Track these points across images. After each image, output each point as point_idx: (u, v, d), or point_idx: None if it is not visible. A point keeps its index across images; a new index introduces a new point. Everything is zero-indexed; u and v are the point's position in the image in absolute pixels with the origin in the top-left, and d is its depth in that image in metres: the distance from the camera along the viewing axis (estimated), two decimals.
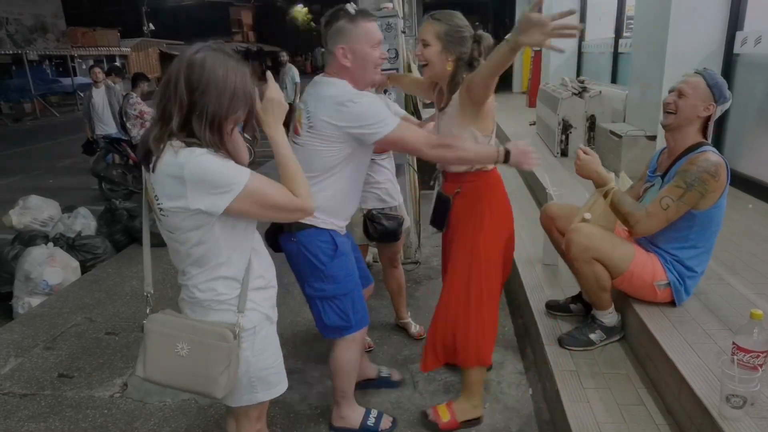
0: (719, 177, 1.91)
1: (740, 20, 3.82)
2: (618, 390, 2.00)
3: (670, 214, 1.95)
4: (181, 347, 1.31)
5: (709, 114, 1.98)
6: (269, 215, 1.33)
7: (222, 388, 1.31)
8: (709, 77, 1.97)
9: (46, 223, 4.59)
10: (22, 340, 3.01)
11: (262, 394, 1.45)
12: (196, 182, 1.19)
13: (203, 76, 1.19)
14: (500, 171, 2.01)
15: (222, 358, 1.29)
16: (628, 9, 6.26)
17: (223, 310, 1.33)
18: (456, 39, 1.81)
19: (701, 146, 1.99)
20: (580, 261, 2.09)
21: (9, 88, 18.60)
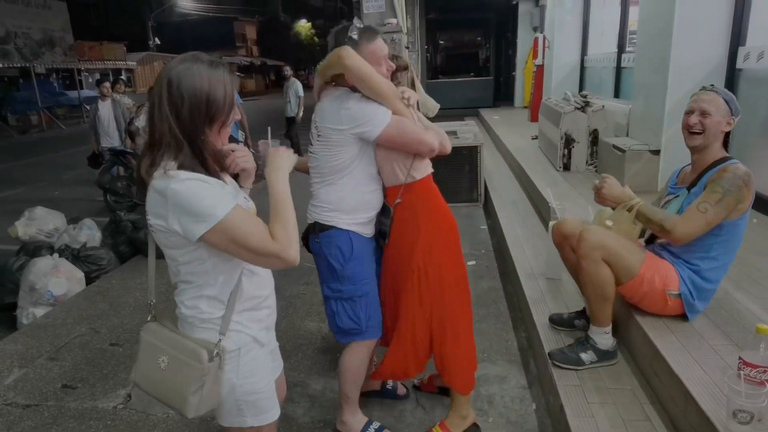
0: (750, 185, 1.95)
1: (743, 35, 3.85)
2: (623, 405, 1.98)
3: (709, 218, 1.94)
4: (162, 360, 1.31)
5: (729, 129, 2.04)
6: (243, 256, 1.25)
7: (193, 408, 1.28)
8: (723, 93, 2.02)
9: (52, 234, 4.61)
10: (26, 350, 3.01)
11: (251, 419, 1.41)
12: (175, 205, 1.19)
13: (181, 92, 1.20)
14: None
15: (194, 378, 1.26)
16: (631, 24, 6.32)
17: (207, 328, 1.32)
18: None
19: (727, 160, 2.03)
20: (589, 260, 2.07)
21: (16, 101, 18.81)
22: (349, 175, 1.88)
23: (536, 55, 10.06)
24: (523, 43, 12.43)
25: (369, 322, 1.96)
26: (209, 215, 1.17)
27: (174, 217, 1.19)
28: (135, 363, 1.38)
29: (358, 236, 1.93)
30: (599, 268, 2.07)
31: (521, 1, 12.32)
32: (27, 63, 18.31)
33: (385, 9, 3.44)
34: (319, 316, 3.22)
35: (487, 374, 2.51)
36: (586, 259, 2.09)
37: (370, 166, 1.91)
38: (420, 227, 1.92)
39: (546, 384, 2.31)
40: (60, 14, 20.04)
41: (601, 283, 2.09)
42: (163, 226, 1.22)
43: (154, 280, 1.46)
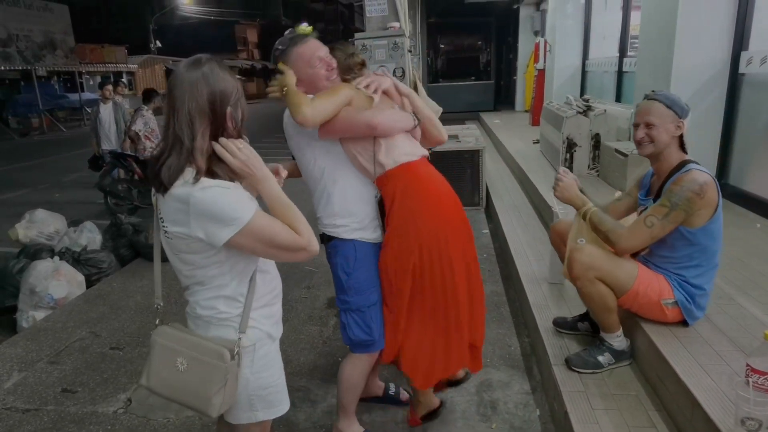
0: (705, 195, 1.92)
1: (745, 40, 3.85)
2: (628, 412, 1.97)
3: (655, 232, 1.97)
4: (181, 362, 1.31)
5: (681, 132, 2.01)
6: (271, 254, 1.31)
7: (216, 408, 1.29)
8: (665, 98, 2.00)
9: (52, 236, 4.60)
10: (25, 354, 2.99)
11: (262, 413, 1.43)
12: (199, 213, 1.21)
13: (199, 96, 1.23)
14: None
15: (218, 378, 1.28)
16: (632, 28, 6.32)
17: (224, 326, 1.34)
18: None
19: (686, 165, 2.02)
20: (583, 280, 2.09)
21: (17, 103, 18.85)
22: (330, 180, 1.86)
23: (537, 59, 10.07)
24: (524, 47, 12.45)
25: (380, 330, 1.93)
26: (236, 219, 1.20)
27: (197, 224, 1.22)
28: (147, 367, 1.37)
29: (362, 243, 1.89)
30: (595, 287, 2.08)
31: (522, 6, 12.35)
32: (28, 66, 18.35)
33: (387, 13, 3.43)
34: (320, 320, 3.21)
35: (490, 379, 2.49)
36: (580, 280, 2.10)
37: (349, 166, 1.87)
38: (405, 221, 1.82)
39: (550, 390, 2.29)
40: (62, 17, 20.09)
41: (600, 298, 2.10)
42: (183, 233, 1.24)
43: (160, 284, 1.47)
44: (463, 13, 14.54)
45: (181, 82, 1.23)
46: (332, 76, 1.83)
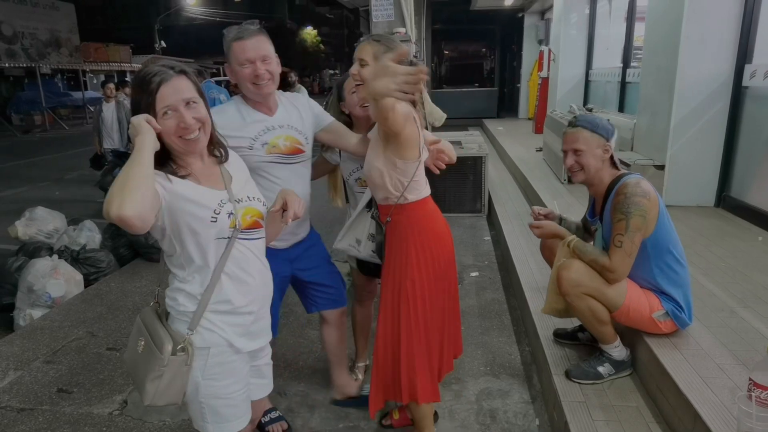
0: (649, 195, 1.94)
1: (749, 53, 3.85)
2: (629, 424, 1.95)
3: (627, 249, 1.97)
4: (140, 344, 1.37)
5: (610, 153, 2.04)
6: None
7: (149, 396, 1.32)
8: (588, 123, 2.03)
9: (52, 234, 4.59)
10: (22, 353, 2.97)
11: (212, 426, 1.41)
12: None
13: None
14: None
15: (153, 367, 1.30)
16: (636, 39, 6.34)
17: (181, 320, 1.37)
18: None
19: (620, 178, 2.03)
20: (572, 296, 2.08)
21: (21, 100, 18.89)
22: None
23: (541, 68, 10.10)
24: (528, 55, 12.48)
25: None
26: None
27: None
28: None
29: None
30: (584, 302, 2.07)
31: (527, 15, 12.40)
32: (33, 63, 18.40)
33: (394, 18, 3.43)
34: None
35: (490, 388, 2.47)
36: (569, 296, 2.09)
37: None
38: (407, 251, 1.85)
39: (550, 400, 2.27)
40: (67, 16, 20.16)
41: (591, 313, 2.09)
42: None
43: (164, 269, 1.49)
44: (468, 21, 14.62)
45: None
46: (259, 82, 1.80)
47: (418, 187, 1.83)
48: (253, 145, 1.87)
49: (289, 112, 1.99)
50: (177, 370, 1.31)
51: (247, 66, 1.79)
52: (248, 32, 1.80)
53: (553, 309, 2.25)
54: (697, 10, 3.90)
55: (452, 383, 2.50)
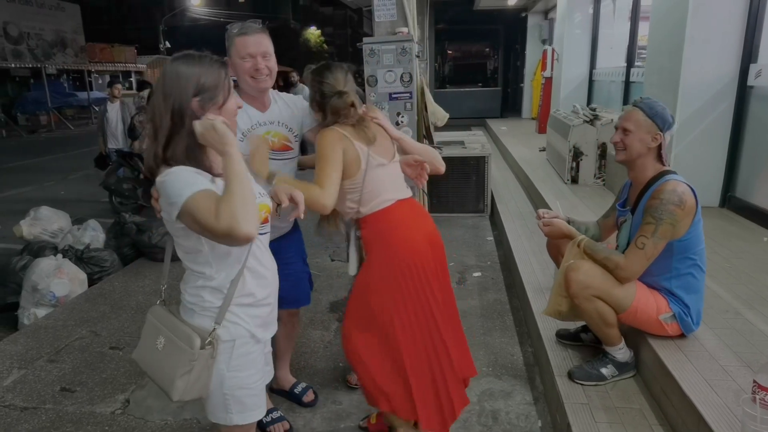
0: (685, 205, 1.91)
1: (754, 52, 3.82)
2: (632, 426, 1.94)
3: (648, 252, 1.95)
4: (160, 341, 1.37)
5: (659, 143, 2.00)
6: (207, 236, 1.28)
7: (178, 392, 1.32)
8: (648, 108, 1.99)
9: (56, 234, 4.61)
10: (25, 351, 2.99)
11: (236, 416, 1.43)
12: (162, 193, 1.29)
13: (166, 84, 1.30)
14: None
15: (184, 362, 1.31)
16: (640, 39, 6.31)
17: (206, 316, 1.37)
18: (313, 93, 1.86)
19: (663, 176, 2.01)
20: (580, 298, 2.06)
21: (26, 101, 18.99)
22: None
23: (545, 68, 10.07)
24: (531, 55, 12.45)
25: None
26: (179, 196, 1.24)
27: (163, 204, 1.30)
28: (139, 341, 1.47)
29: None
30: (593, 304, 2.06)
31: (530, 14, 12.37)
32: (38, 64, 18.50)
33: (396, 18, 3.42)
34: (322, 324, 3.19)
35: (492, 389, 2.47)
36: (578, 298, 2.08)
37: None
38: (370, 263, 1.90)
39: (552, 401, 2.26)
40: (73, 16, 20.27)
41: (599, 315, 2.07)
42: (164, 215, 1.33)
43: (168, 267, 1.53)
44: (472, 21, 14.59)
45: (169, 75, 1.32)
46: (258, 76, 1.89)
47: (371, 198, 1.86)
48: (243, 139, 1.91)
49: (281, 110, 2.06)
50: (204, 364, 1.33)
51: (248, 60, 1.87)
52: (252, 29, 1.89)
53: (555, 311, 2.24)
54: (702, 9, 3.87)
55: None
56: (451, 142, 5.89)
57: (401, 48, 3.31)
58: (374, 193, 1.86)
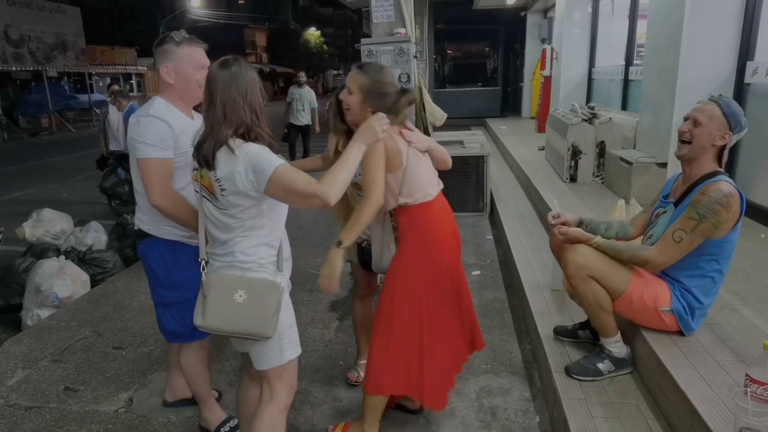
0: (731, 208, 1.89)
1: (751, 50, 3.85)
2: (628, 420, 1.96)
3: (683, 247, 1.94)
4: (240, 295, 1.57)
5: (724, 143, 1.97)
6: (290, 199, 1.55)
7: (272, 329, 1.57)
8: (725, 105, 1.96)
9: (58, 236, 4.64)
10: (29, 352, 3.02)
11: (289, 352, 1.68)
12: (246, 167, 1.50)
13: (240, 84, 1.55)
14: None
15: (273, 303, 1.57)
16: (639, 37, 6.33)
17: (264, 270, 1.61)
18: (375, 94, 1.87)
19: (716, 175, 1.98)
20: (576, 279, 2.10)
21: (27, 103, 19.04)
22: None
23: (544, 67, 10.09)
24: (530, 54, 12.47)
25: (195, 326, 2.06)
26: (267, 166, 1.49)
27: (246, 175, 1.50)
28: (199, 310, 1.62)
29: (180, 244, 2.02)
30: (589, 285, 2.09)
31: (529, 13, 12.39)
32: (39, 66, 18.56)
33: (394, 19, 3.45)
34: (322, 323, 3.22)
35: (490, 386, 2.49)
36: (574, 279, 2.11)
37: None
38: (402, 252, 2.01)
39: (550, 397, 2.29)
40: (73, 19, 20.33)
41: (594, 298, 2.10)
42: (237, 187, 1.51)
43: (204, 243, 1.72)
44: (471, 20, 14.61)
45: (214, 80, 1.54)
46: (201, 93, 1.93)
47: (415, 191, 1.95)
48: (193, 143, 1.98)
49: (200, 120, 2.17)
50: (283, 303, 1.62)
51: (201, 71, 1.94)
52: (197, 41, 1.99)
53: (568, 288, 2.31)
54: (699, 7, 3.90)
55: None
56: (451, 141, 5.92)
57: (399, 49, 3.34)
58: (417, 186, 1.95)
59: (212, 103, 1.54)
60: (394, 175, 1.90)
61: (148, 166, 1.88)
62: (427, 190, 1.99)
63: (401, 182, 1.91)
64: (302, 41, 46.50)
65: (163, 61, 1.92)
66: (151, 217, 2.00)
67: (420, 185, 1.96)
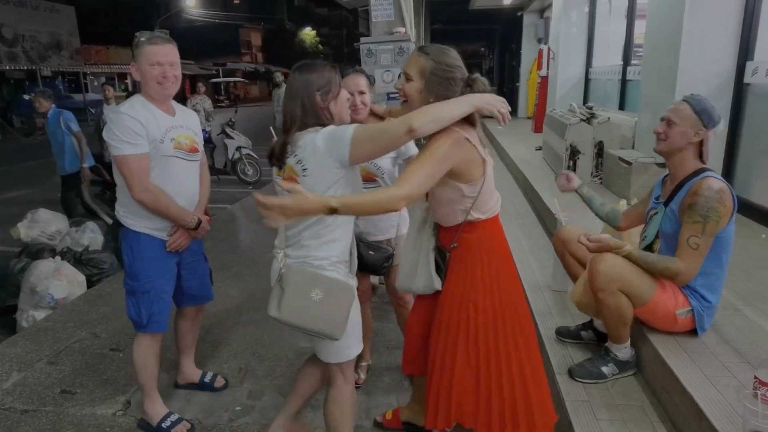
0: (725, 202, 1.92)
1: (750, 50, 3.84)
2: (633, 423, 1.94)
3: (702, 251, 1.94)
4: (316, 294, 1.62)
5: (700, 139, 2.02)
6: (383, 143, 1.53)
7: (342, 331, 1.64)
8: (696, 103, 2.01)
9: (54, 236, 4.59)
10: (25, 354, 2.98)
11: (353, 349, 1.77)
12: (326, 142, 1.57)
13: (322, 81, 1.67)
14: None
15: (346, 306, 1.64)
16: (637, 37, 6.33)
17: (338, 269, 1.67)
18: (441, 79, 1.61)
19: (701, 172, 2.02)
20: (606, 292, 2.02)
21: (22, 103, 18.91)
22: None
23: (541, 66, 10.09)
24: (527, 54, 12.49)
25: (151, 318, 2.18)
26: (346, 130, 1.57)
27: (328, 149, 1.57)
28: (273, 302, 1.66)
29: (151, 238, 2.15)
30: (617, 299, 2.02)
31: (526, 13, 12.40)
32: (33, 66, 18.45)
33: (393, 18, 3.43)
34: None
35: None
36: (603, 292, 2.02)
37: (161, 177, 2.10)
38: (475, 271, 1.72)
39: (553, 399, 2.26)
40: (68, 18, 20.24)
41: (619, 312, 2.05)
42: (321, 162, 1.58)
43: (283, 231, 1.73)
44: (467, 20, 14.62)
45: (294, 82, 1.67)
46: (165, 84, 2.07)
47: (486, 201, 1.71)
48: (163, 139, 2.09)
49: (185, 117, 2.26)
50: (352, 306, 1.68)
51: (156, 67, 2.04)
52: (162, 39, 2.08)
53: (579, 301, 2.25)
54: (698, 7, 3.89)
55: None
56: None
57: (399, 48, 3.32)
58: (488, 195, 1.71)
59: (291, 99, 1.65)
60: (471, 186, 1.64)
61: (124, 163, 2.01)
62: (496, 202, 1.76)
63: (477, 195, 1.65)
64: (298, 41, 46.44)
65: (133, 60, 2.09)
66: (124, 209, 2.15)
67: (492, 197, 1.73)
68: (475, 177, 1.64)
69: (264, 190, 7.39)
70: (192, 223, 2.20)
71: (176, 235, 2.20)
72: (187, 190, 2.23)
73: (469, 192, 1.65)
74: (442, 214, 1.74)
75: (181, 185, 2.18)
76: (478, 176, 1.64)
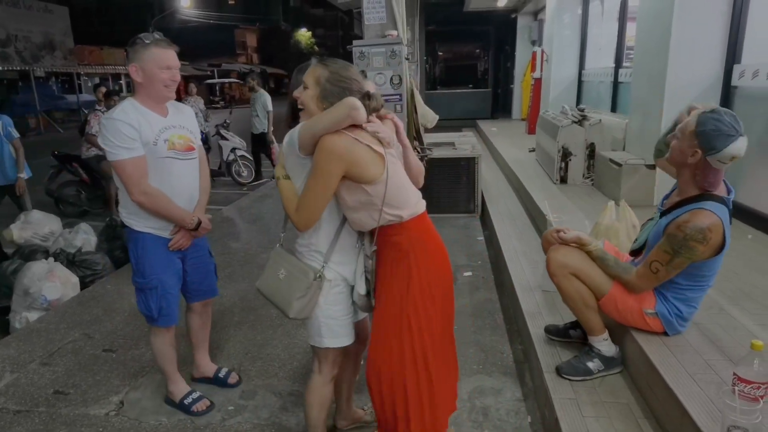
0: (709, 241, 1.83)
1: (738, 54, 3.90)
2: (618, 419, 1.98)
3: (661, 277, 1.99)
4: (281, 272, 1.79)
5: (695, 161, 1.82)
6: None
7: (294, 311, 1.72)
8: (701, 121, 1.78)
9: (47, 237, 4.60)
10: (18, 355, 2.98)
11: (327, 340, 1.81)
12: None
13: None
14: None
15: (300, 288, 1.72)
16: (628, 39, 6.39)
17: (315, 258, 1.76)
18: (336, 89, 1.63)
19: (701, 200, 1.88)
20: (559, 276, 2.14)
21: (15, 104, 18.82)
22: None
23: (534, 68, 10.15)
24: (521, 56, 12.54)
25: (161, 312, 2.27)
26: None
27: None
28: (263, 274, 1.86)
29: (154, 237, 2.22)
30: (571, 282, 2.13)
31: (520, 15, 12.46)
32: (26, 66, 18.37)
33: (386, 20, 3.47)
34: None
35: (482, 386, 2.50)
36: (556, 277, 2.15)
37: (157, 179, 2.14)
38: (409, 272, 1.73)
39: (541, 397, 2.30)
40: (61, 18, 20.14)
41: (578, 295, 2.14)
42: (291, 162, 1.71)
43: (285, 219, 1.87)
44: (462, 22, 14.66)
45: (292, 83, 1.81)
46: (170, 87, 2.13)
47: (404, 202, 1.70)
48: (157, 141, 2.12)
49: (179, 115, 2.27)
50: (314, 293, 1.73)
51: (167, 71, 2.09)
52: (168, 43, 2.12)
53: None
54: (687, 11, 3.95)
55: None
56: (442, 143, 5.94)
57: (391, 50, 3.35)
58: (405, 195, 1.70)
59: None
60: (373, 187, 1.61)
61: (121, 168, 2.06)
62: (417, 197, 1.76)
63: (383, 195, 1.62)
64: (293, 42, 46.41)
65: (132, 60, 2.07)
66: (126, 210, 2.21)
67: (408, 193, 1.72)
68: (375, 174, 1.61)
69: (258, 192, 7.40)
70: (192, 224, 2.23)
71: (178, 236, 2.24)
72: (186, 190, 2.26)
73: (373, 191, 1.62)
74: (356, 219, 1.71)
75: (179, 186, 2.21)
76: (378, 173, 1.61)
